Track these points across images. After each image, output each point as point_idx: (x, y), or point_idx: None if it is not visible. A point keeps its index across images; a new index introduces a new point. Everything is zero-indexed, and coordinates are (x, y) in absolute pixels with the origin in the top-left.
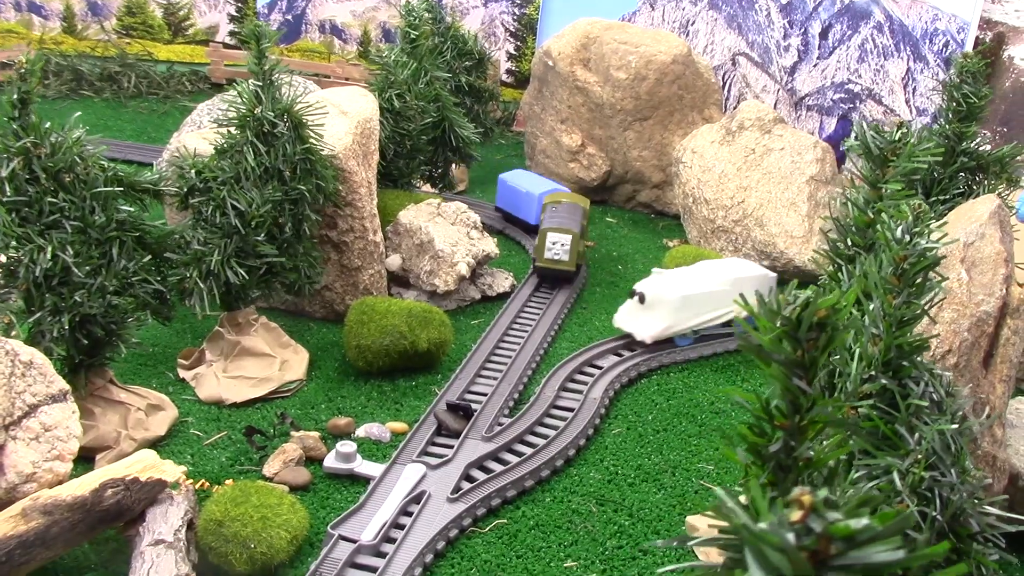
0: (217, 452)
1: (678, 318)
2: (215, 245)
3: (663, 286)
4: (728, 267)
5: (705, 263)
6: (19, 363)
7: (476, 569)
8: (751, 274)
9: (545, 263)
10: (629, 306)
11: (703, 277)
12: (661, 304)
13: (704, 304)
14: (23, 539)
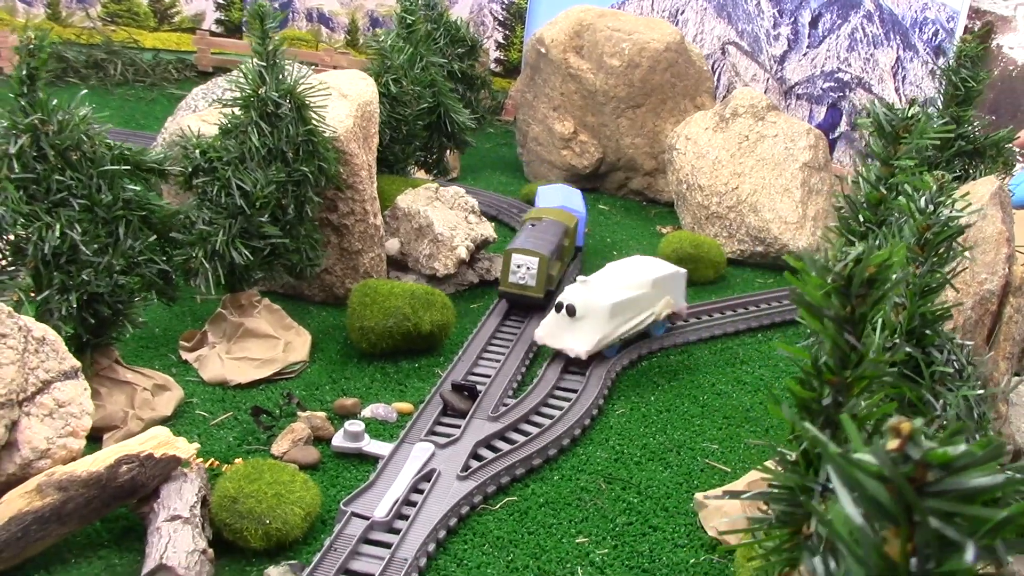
0: (224, 432)
1: (610, 327)
2: (220, 225)
3: (590, 296)
4: (643, 267)
5: (615, 265)
6: (32, 339)
7: (489, 544)
8: (667, 272)
9: (509, 287)
10: (555, 321)
11: (625, 281)
12: (592, 315)
13: (631, 309)
14: (39, 515)
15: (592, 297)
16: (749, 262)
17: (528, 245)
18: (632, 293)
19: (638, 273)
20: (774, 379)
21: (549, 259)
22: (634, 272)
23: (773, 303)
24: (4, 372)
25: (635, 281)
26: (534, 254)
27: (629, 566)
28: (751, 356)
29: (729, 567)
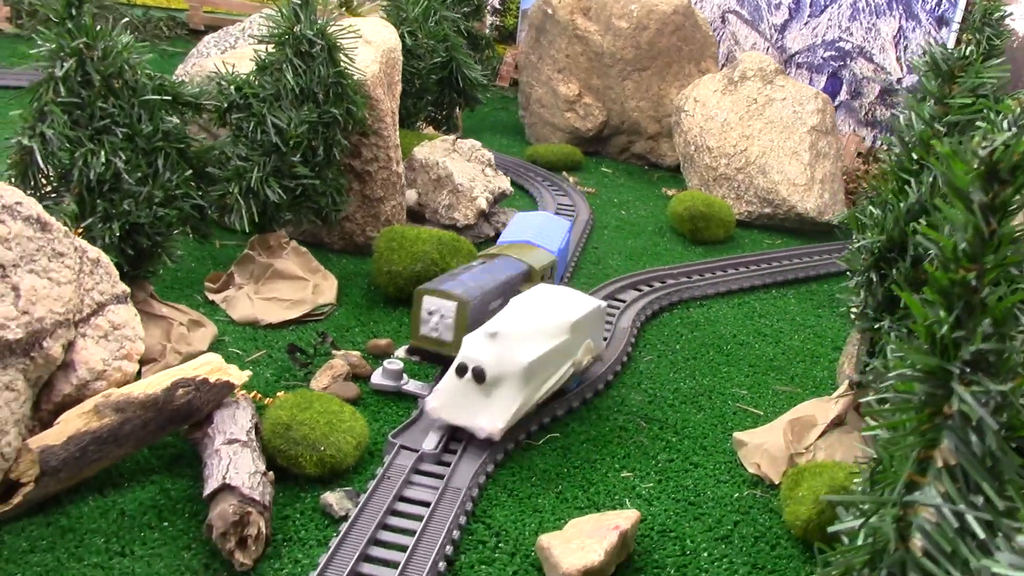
0: (260, 369)
1: (528, 392)
2: (255, 162)
3: (502, 353)
4: (557, 305)
5: (521, 302)
6: (87, 260)
7: (536, 477)
8: (586, 309)
9: (419, 341)
10: (457, 389)
11: (541, 327)
12: (506, 379)
13: (551, 365)
14: (96, 435)
15: (505, 355)
16: (757, 224)
17: (443, 285)
18: (551, 343)
19: (554, 314)
20: (793, 332)
21: (474, 306)
22: (549, 314)
23: (784, 261)
24: (62, 291)
25: (552, 326)
26: (449, 297)
27: (675, 499)
28: (768, 311)
29: (772, 501)
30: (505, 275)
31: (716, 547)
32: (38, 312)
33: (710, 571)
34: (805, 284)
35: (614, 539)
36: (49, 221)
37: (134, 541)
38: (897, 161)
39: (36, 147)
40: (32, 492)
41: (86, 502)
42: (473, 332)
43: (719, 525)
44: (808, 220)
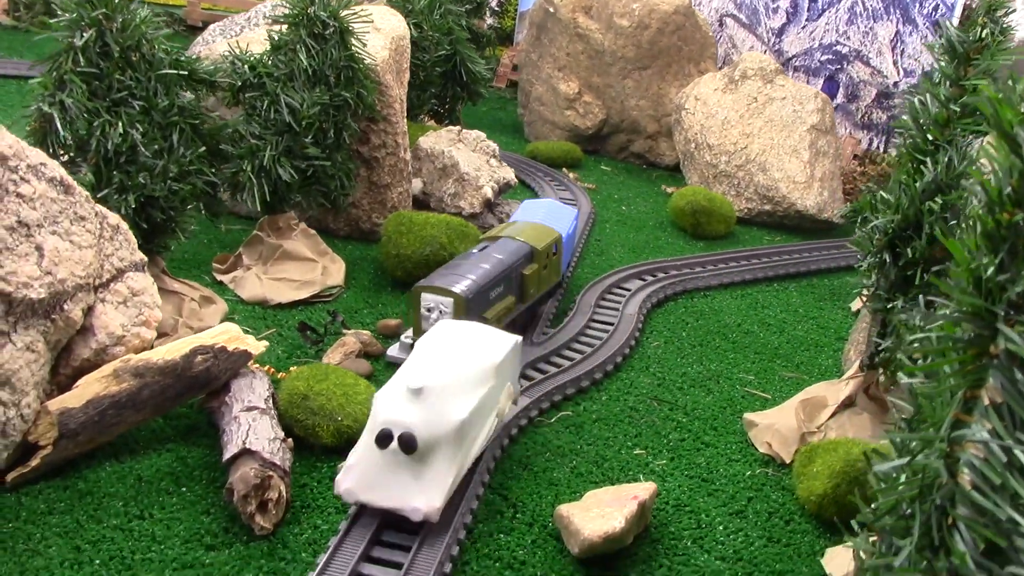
0: (271, 346)
1: (462, 456)
2: (268, 141)
3: (429, 414)
4: (471, 345)
5: (430, 344)
6: (107, 226)
7: (550, 452)
8: (506, 349)
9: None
10: (378, 463)
11: (465, 376)
12: (439, 445)
13: (480, 421)
14: (116, 399)
15: (435, 414)
16: (756, 221)
17: (440, 281)
18: (479, 393)
19: (475, 357)
20: (796, 322)
21: (470, 300)
22: (470, 357)
23: (785, 256)
24: (83, 255)
25: (477, 371)
26: (446, 293)
27: (689, 476)
28: (771, 302)
29: (785, 479)
30: (506, 258)
31: (731, 521)
32: (60, 274)
33: (726, 543)
34: (806, 278)
35: (634, 508)
36: (72, 184)
37: (152, 505)
38: (912, 143)
39: (56, 114)
40: (50, 455)
41: (103, 467)
42: (387, 387)
43: (733, 501)
44: (808, 217)
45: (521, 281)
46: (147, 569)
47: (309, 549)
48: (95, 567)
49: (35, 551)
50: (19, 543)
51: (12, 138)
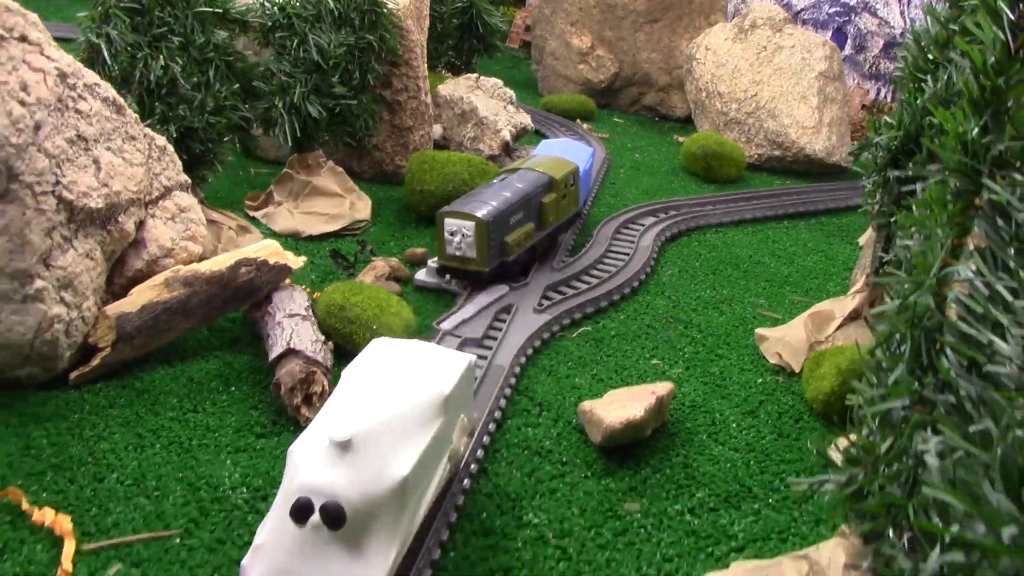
0: (305, 272)
1: (408, 520)
2: (298, 79)
3: (361, 473)
4: (415, 375)
5: (362, 374)
6: (155, 147)
7: (572, 362)
8: (457, 373)
9: (446, 260)
10: (296, 542)
11: (407, 417)
12: (376, 513)
13: (427, 470)
14: (167, 306)
15: (368, 472)
16: (766, 166)
17: (462, 207)
18: (426, 434)
19: (419, 388)
20: (805, 255)
21: (491, 224)
22: (412, 388)
23: (794, 196)
24: (134, 171)
25: (422, 406)
26: (468, 218)
27: (703, 382)
28: (780, 237)
29: (794, 386)
30: (526, 187)
31: (743, 420)
32: (115, 186)
33: (738, 438)
34: (815, 216)
35: (652, 401)
36: (123, 105)
37: (204, 401)
38: (913, 62)
39: (103, 45)
40: (109, 356)
41: (157, 370)
42: (304, 438)
43: (745, 403)
44: (817, 161)
45: (540, 209)
46: (204, 452)
47: None
48: (156, 450)
49: (101, 437)
50: (86, 430)
51: (70, 58)
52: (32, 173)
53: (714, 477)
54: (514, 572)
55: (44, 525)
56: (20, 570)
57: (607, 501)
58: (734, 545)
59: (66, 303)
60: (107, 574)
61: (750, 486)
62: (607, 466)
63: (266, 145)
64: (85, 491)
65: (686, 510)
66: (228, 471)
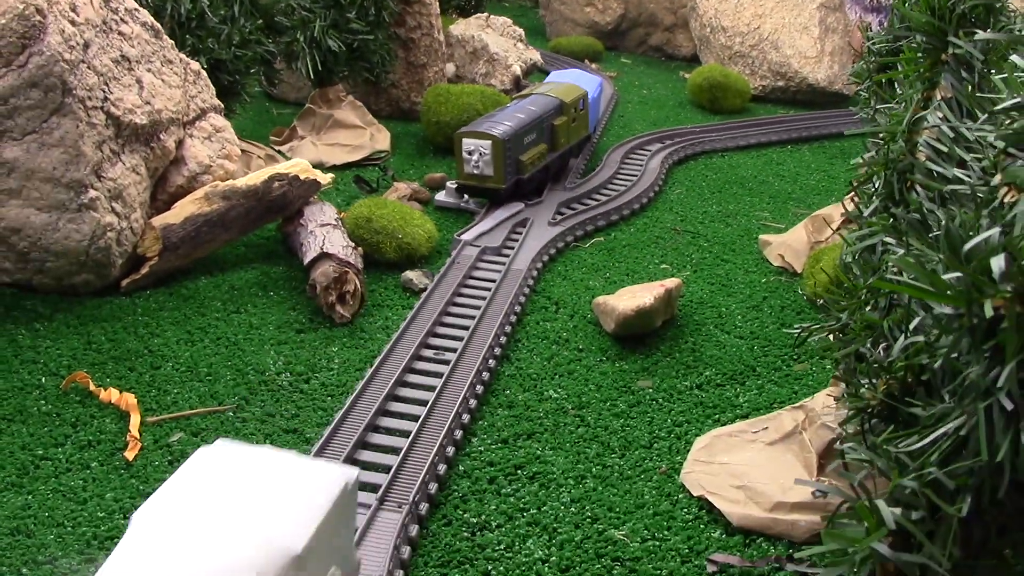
0: (331, 196)
1: None
2: (317, 14)
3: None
4: (248, 516)
5: (158, 526)
6: (190, 71)
7: (586, 268)
8: (323, 503)
9: (465, 179)
10: None
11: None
12: None
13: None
14: (208, 218)
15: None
16: (771, 98)
17: (478, 127)
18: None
19: (249, 543)
20: (808, 175)
21: (507, 142)
22: (237, 544)
23: (797, 123)
24: (173, 93)
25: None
26: (485, 137)
27: (710, 283)
28: (784, 160)
29: (796, 284)
30: (538, 110)
31: (748, 313)
32: (157, 105)
33: (743, 327)
34: (818, 141)
35: (661, 291)
36: (160, 30)
37: (246, 304)
38: None
39: None
40: (156, 264)
41: (200, 279)
42: None
43: (750, 299)
44: (819, 90)
45: (552, 131)
46: (249, 344)
47: (384, 332)
48: (205, 344)
49: (154, 334)
50: (140, 329)
51: None
52: (84, 88)
53: (720, 359)
54: (537, 436)
55: (111, 402)
56: (93, 438)
57: (621, 379)
58: (739, 413)
59: (117, 213)
60: (170, 440)
61: (754, 366)
62: (621, 351)
63: (287, 87)
64: (144, 377)
65: (695, 386)
66: (272, 359)
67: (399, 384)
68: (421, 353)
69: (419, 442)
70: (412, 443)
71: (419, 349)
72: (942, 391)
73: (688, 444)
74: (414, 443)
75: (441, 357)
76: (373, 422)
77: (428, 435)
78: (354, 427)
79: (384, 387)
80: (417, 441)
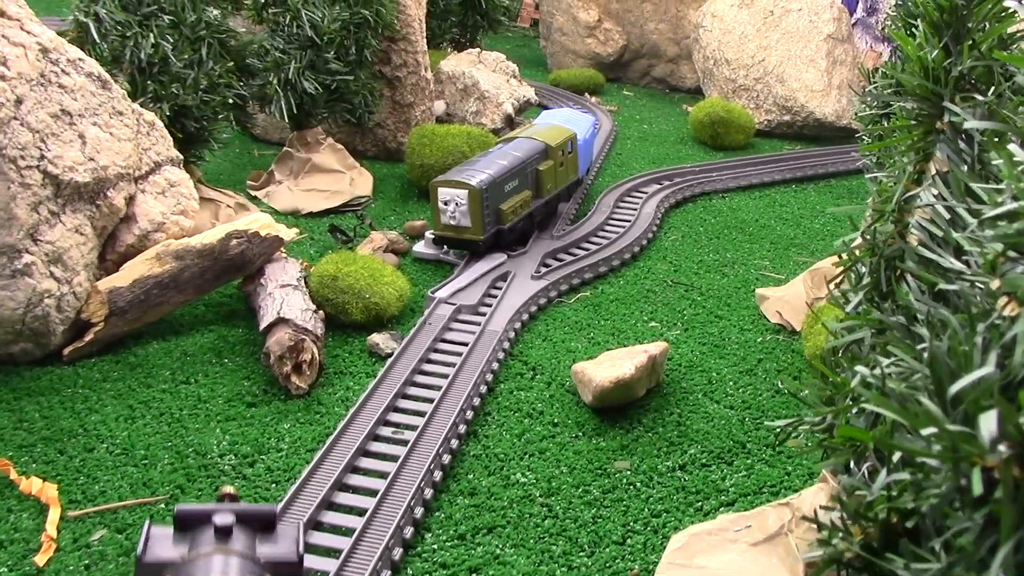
0: (304, 247)
1: None
2: (292, 55)
3: None
4: None
5: None
6: (144, 122)
7: (568, 327)
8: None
9: (441, 230)
10: None
11: None
12: None
13: None
14: (159, 280)
15: None
16: (776, 132)
17: (455, 175)
18: None
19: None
20: (812, 218)
21: (485, 191)
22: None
23: (802, 160)
24: (122, 146)
25: None
26: (461, 186)
27: (701, 343)
28: (788, 201)
29: (794, 343)
30: (521, 155)
31: (741, 378)
32: (102, 161)
33: (735, 395)
34: (824, 180)
35: (643, 359)
36: (108, 80)
37: (197, 373)
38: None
39: (91, 24)
40: (102, 331)
41: (151, 344)
42: None
43: (743, 362)
44: (827, 125)
45: (537, 176)
46: (194, 421)
47: (342, 405)
48: (146, 421)
49: (92, 409)
50: (78, 404)
51: (52, 33)
52: (15, 147)
53: (707, 434)
54: (498, 530)
55: (31, 494)
56: (6, 537)
57: (597, 460)
58: (724, 500)
59: (56, 278)
60: (91, 539)
61: (744, 442)
62: (599, 426)
63: (269, 127)
64: (74, 461)
65: (677, 467)
66: (217, 439)
67: (348, 470)
68: (378, 432)
69: (364, 541)
70: (356, 543)
71: (376, 427)
72: (931, 542)
73: (665, 539)
74: (358, 543)
75: (399, 436)
76: (315, 517)
77: (375, 532)
78: (292, 523)
79: (332, 474)
80: (362, 539)
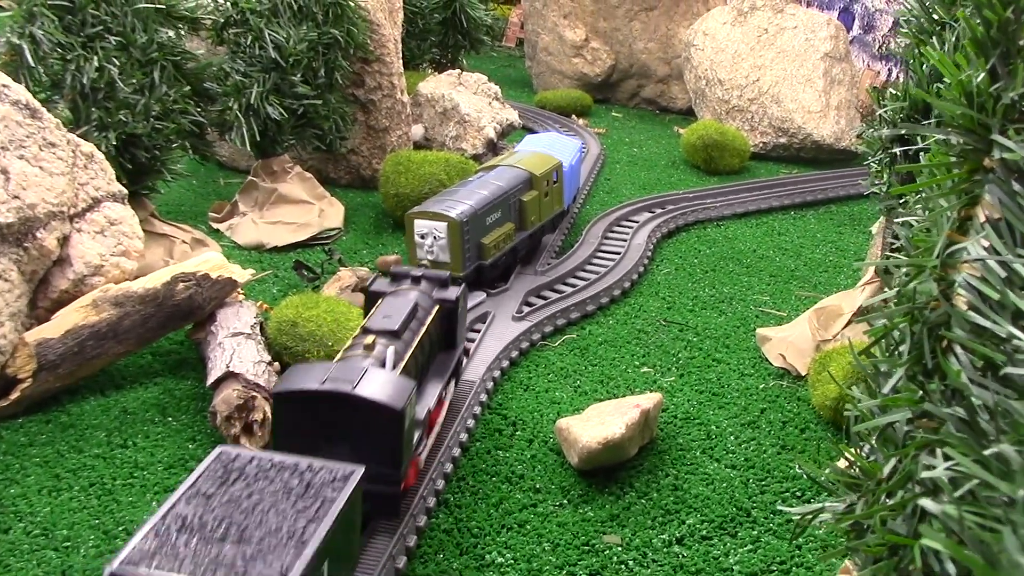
0: (266, 286)
1: None
2: (254, 79)
3: None
4: None
5: None
6: (81, 154)
7: (553, 374)
8: None
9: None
10: None
11: None
12: None
13: None
14: (95, 330)
15: None
16: (772, 155)
17: (432, 207)
18: None
19: None
20: (814, 247)
21: (465, 224)
22: None
23: (801, 185)
24: (54, 182)
25: None
26: (439, 218)
27: (698, 391)
28: (787, 229)
29: (800, 390)
30: (504, 185)
31: (743, 432)
32: (29, 199)
33: (736, 452)
34: (825, 205)
35: (635, 415)
36: (39, 110)
37: (136, 435)
38: (917, 24)
39: (26, 46)
40: (30, 388)
41: (87, 401)
42: None
43: (745, 412)
44: (825, 147)
45: (520, 207)
46: (128, 493)
47: None
48: (73, 493)
49: (13, 480)
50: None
51: None
52: None
53: (707, 500)
54: None
55: None
56: None
57: (583, 534)
58: None
59: None
60: None
61: (748, 509)
62: (585, 492)
63: (236, 154)
64: None
65: (674, 540)
66: None
67: None
68: None
69: None
70: None
71: None
72: None
73: None
74: None
75: None
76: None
77: None
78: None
79: None
80: None
